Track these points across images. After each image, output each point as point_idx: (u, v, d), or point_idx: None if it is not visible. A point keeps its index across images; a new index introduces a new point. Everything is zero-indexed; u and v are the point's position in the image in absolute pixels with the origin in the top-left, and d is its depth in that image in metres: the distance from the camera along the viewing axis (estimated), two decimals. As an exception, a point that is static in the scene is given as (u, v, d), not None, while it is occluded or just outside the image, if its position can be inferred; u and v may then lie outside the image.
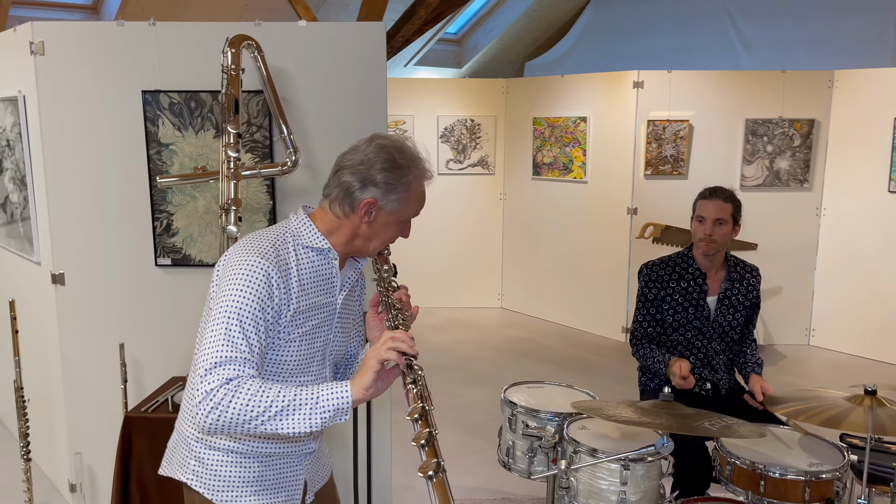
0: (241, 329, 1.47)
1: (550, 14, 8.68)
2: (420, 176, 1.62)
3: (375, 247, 1.67)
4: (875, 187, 5.44)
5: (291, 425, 1.43)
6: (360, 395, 1.46)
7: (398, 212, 1.62)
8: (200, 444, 1.64)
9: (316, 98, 3.05)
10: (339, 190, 1.61)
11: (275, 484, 1.68)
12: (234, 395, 1.42)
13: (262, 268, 1.51)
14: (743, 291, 2.88)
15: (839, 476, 2.22)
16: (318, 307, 1.63)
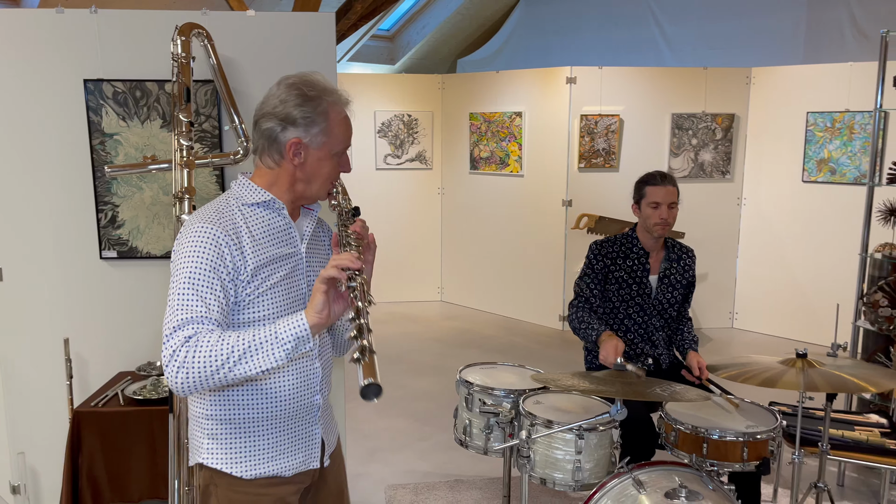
0: (194, 292, 1.50)
1: (482, 12, 8.83)
2: (335, 103, 1.62)
3: (319, 187, 1.66)
4: (790, 178, 5.80)
5: (258, 364, 1.45)
6: (316, 320, 1.47)
7: (326, 145, 1.61)
8: (211, 420, 1.65)
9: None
10: (263, 140, 1.62)
11: (291, 447, 1.69)
12: (196, 349, 1.45)
13: (208, 231, 1.54)
14: (680, 271, 3.06)
15: (773, 436, 2.40)
16: (281, 259, 1.64)
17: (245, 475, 1.64)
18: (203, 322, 1.49)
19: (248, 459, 1.64)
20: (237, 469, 1.64)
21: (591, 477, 2.45)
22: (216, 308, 1.52)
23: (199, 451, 1.68)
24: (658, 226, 2.92)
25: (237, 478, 1.64)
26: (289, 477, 1.70)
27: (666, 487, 2.23)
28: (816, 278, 5.70)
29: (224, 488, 1.65)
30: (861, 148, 5.43)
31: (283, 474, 1.68)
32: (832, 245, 5.60)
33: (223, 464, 1.64)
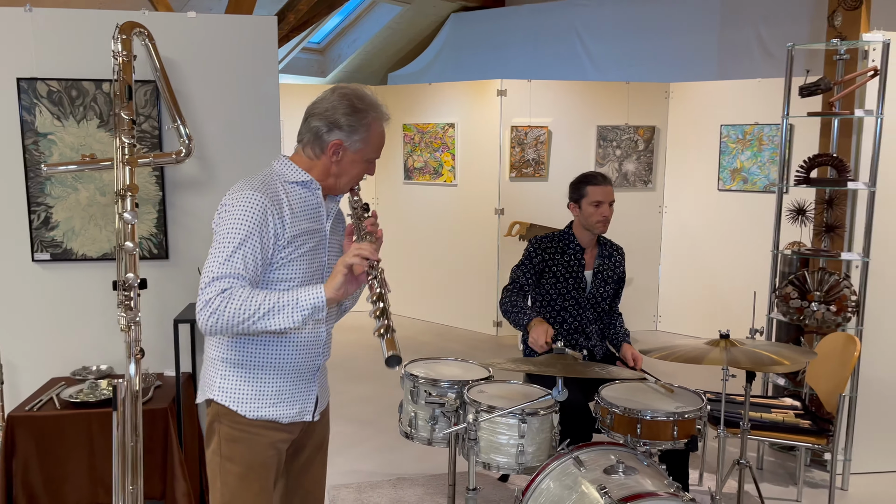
0: (238, 250, 1.73)
1: (412, 27, 8.98)
2: (378, 118, 1.88)
3: (345, 183, 1.91)
4: (707, 187, 6.15)
5: (278, 322, 1.71)
6: (332, 295, 1.74)
7: (362, 151, 1.87)
8: (224, 363, 1.88)
9: (206, 90, 3.08)
10: (310, 135, 1.87)
11: (290, 396, 1.92)
12: (229, 301, 1.69)
13: (257, 199, 1.76)
14: (612, 267, 3.23)
15: (700, 416, 2.57)
16: (311, 233, 1.88)
17: (248, 415, 1.87)
18: (238, 278, 1.73)
19: (252, 401, 1.87)
20: (242, 408, 1.86)
21: (533, 460, 2.56)
22: (252, 267, 1.76)
23: (210, 388, 1.90)
24: (600, 223, 3.08)
25: (241, 416, 1.86)
26: (284, 424, 1.92)
27: (605, 465, 2.35)
28: (733, 280, 6.04)
29: (227, 426, 1.87)
30: (770, 158, 5.82)
31: (279, 420, 1.91)
32: (746, 249, 5.96)
33: (230, 401, 1.86)
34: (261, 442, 1.88)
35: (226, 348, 1.88)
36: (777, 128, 5.73)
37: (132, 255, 2.56)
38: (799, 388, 3.55)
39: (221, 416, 1.88)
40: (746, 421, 2.67)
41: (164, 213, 3.10)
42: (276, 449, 1.92)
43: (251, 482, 1.88)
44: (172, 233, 3.12)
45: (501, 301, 3.19)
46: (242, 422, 1.87)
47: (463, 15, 8.80)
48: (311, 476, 2.10)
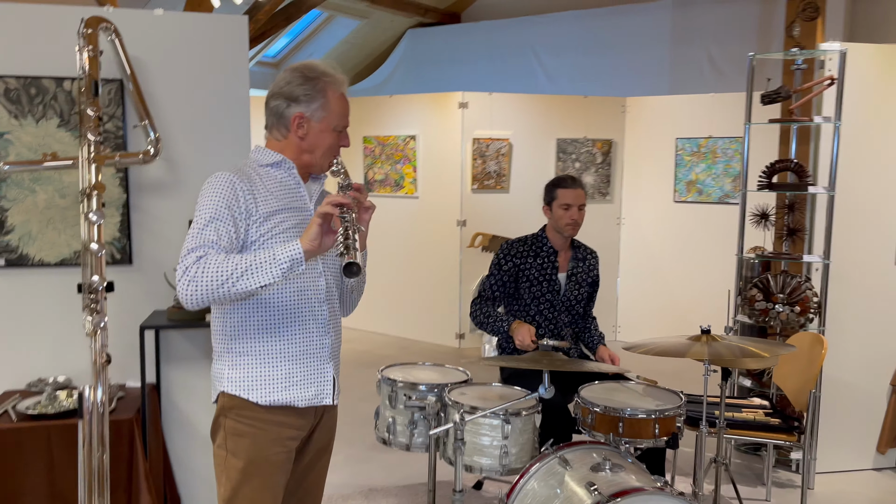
0: (210, 223, 1.76)
1: (369, 42, 8.98)
2: (333, 83, 1.88)
3: (321, 156, 1.91)
4: (663, 198, 6.28)
5: (257, 280, 1.70)
6: (309, 246, 1.71)
7: (326, 119, 1.88)
8: (231, 353, 1.87)
9: (173, 89, 2.99)
10: (273, 116, 1.90)
11: (303, 380, 1.90)
12: (205, 266, 1.70)
13: (227, 177, 1.81)
14: (586, 270, 3.24)
15: (680, 413, 2.58)
16: (291, 210, 1.88)
17: (261, 401, 1.84)
18: (213, 247, 1.75)
19: (263, 386, 1.85)
20: (254, 395, 1.84)
21: (516, 462, 2.53)
22: (226, 239, 1.77)
23: (220, 381, 1.89)
24: (569, 226, 3.10)
25: (252, 404, 1.84)
26: (301, 408, 1.90)
27: (591, 463, 2.34)
28: (690, 290, 6.16)
29: (233, 419, 1.85)
30: (723, 170, 5.98)
31: (295, 404, 1.88)
32: (702, 258, 6.09)
33: (242, 390, 1.85)
34: (267, 437, 1.85)
35: (230, 340, 1.88)
36: (730, 140, 5.90)
37: (98, 257, 2.45)
38: (765, 388, 3.62)
39: (227, 409, 1.86)
40: (723, 419, 2.70)
41: (128, 217, 2.99)
42: (283, 446, 1.88)
43: (252, 476, 1.84)
44: (137, 237, 3.01)
45: (472, 314, 3.17)
46: (251, 414, 1.85)
47: (419, 31, 8.84)
48: (312, 478, 2.06)
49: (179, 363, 3.09)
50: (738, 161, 5.89)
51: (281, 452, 1.88)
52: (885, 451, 3.76)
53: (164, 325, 2.83)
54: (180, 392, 3.09)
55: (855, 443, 3.76)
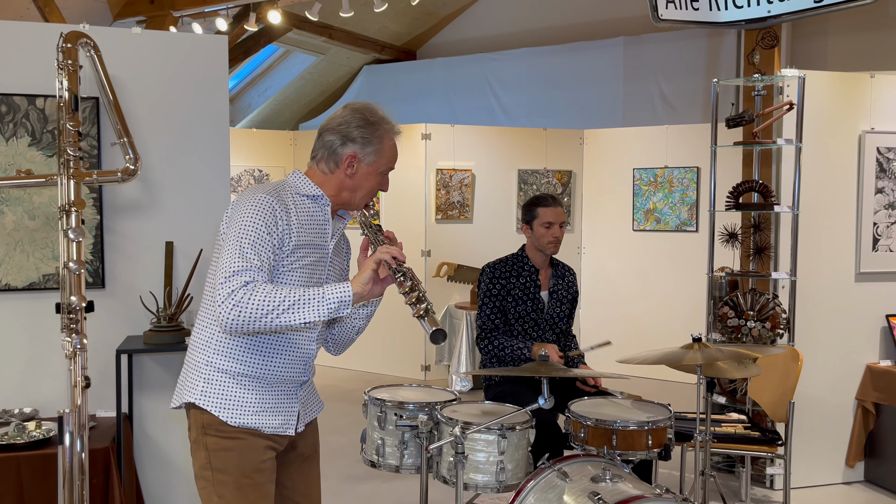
0: (252, 246, 1.73)
1: (325, 78, 9.01)
2: (390, 131, 1.92)
3: (361, 197, 1.93)
4: (622, 227, 6.41)
5: (302, 316, 1.69)
6: (360, 290, 1.74)
7: (376, 164, 1.90)
8: (209, 367, 1.84)
9: (150, 109, 2.93)
10: (324, 150, 1.90)
11: (273, 407, 1.89)
12: (252, 294, 1.67)
13: (268, 201, 1.78)
14: (566, 287, 3.27)
15: (670, 424, 2.60)
16: (314, 246, 1.88)
17: (230, 421, 1.82)
18: (258, 272, 1.72)
19: (235, 408, 1.83)
20: (224, 414, 1.81)
21: (512, 478, 2.49)
22: (267, 264, 1.76)
23: (192, 391, 1.84)
24: (551, 244, 3.13)
25: (224, 422, 1.81)
26: (267, 434, 1.87)
27: (590, 474, 2.32)
28: (651, 316, 6.26)
29: (214, 436, 1.81)
30: (680, 199, 6.16)
31: (262, 429, 1.86)
32: (662, 286, 6.22)
33: (213, 406, 1.81)
34: (251, 447, 1.83)
35: (213, 352, 1.84)
36: (686, 170, 6.10)
37: (77, 275, 2.36)
38: (740, 404, 3.68)
39: (208, 427, 1.82)
40: (709, 430, 2.73)
41: (102, 239, 2.89)
42: (268, 453, 1.87)
43: (247, 491, 1.81)
44: (110, 259, 2.91)
45: (485, 351, 3.12)
46: (229, 430, 1.82)
47: (376, 67, 8.93)
48: (305, 481, 2.07)
49: (153, 391, 2.97)
50: (694, 190, 6.08)
51: (268, 460, 1.87)
52: (854, 464, 3.86)
53: (141, 349, 2.73)
54: (154, 422, 2.97)
55: (825, 457, 3.84)
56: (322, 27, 7.73)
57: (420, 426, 2.57)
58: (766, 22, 3.68)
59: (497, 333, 3.12)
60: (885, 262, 3.84)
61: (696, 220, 6.08)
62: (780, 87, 3.67)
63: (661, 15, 3.95)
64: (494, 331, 3.13)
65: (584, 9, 7.69)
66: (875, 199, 3.82)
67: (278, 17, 6.14)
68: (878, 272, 3.84)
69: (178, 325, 2.83)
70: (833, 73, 3.77)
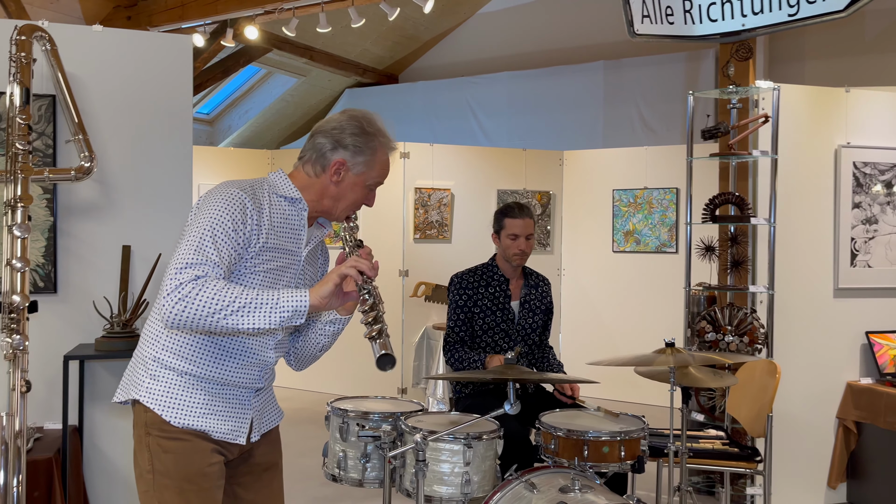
0: (213, 241, 1.62)
1: (306, 100, 8.98)
2: (385, 145, 1.83)
3: (343, 208, 1.82)
4: (602, 248, 6.36)
5: (251, 321, 1.57)
6: (317, 302, 1.62)
7: (364, 175, 1.80)
8: (156, 363, 1.73)
9: (110, 108, 2.85)
10: (313, 152, 1.81)
11: (222, 412, 1.77)
12: (201, 289, 1.55)
13: (240, 196, 1.68)
14: (539, 297, 3.18)
15: (644, 435, 2.50)
16: (285, 251, 1.78)
17: (174, 422, 1.70)
18: (214, 267, 1.60)
19: (180, 408, 1.71)
20: (168, 414, 1.70)
21: (478, 490, 2.37)
22: (226, 260, 1.64)
23: (137, 387, 1.73)
24: (517, 256, 3.05)
25: (167, 422, 1.70)
26: (216, 439, 1.76)
27: (558, 485, 2.21)
28: (630, 338, 6.18)
29: (157, 436, 1.70)
30: (659, 220, 6.12)
31: (210, 433, 1.74)
32: (642, 307, 6.14)
33: (157, 405, 1.70)
34: (196, 449, 1.72)
35: (162, 348, 1.74)
36: (665, 191, 6.07)
37: (21, 273, 2.24)
38: (718, 422, 3.59)
39: (151, 426, 1.71)
40: (684, 441, 2.62)
41: (55, 242, 2.78)
42: (214, 457, 1.75)
43: (190, 496, 1.69)
44: (63, 264, 2.79)
45: (448, 361, 3.06)
46: (173, 430, 1.71)
47: (357, 90, 8.91)
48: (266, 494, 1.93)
49: (105, 402, 2.83)
50: (674, 211, 6.04)
51: (215, 464, 1.75)
52: (836, 485, 3.75)
53: (92, 355, 2.60)
54: (105, 434, 2.82)
55: (806, 478, 3.74)
56: (303, 48, 7.72)
57: (383, 436, 2.45)
58: (740, 35, 3.67)
59: (459, 346, 3.02)
60: (863, 277, 3.79)
61: (676, 241, 6.04)
62: (756, 101, 3.65)
63: (637, 30, 3.94)
64: (457, 343, 3.03)
65: (564, 33, 7.74)
66: (852, 214, 3.78)
67: (255, 32, 6.10)
68: (857, 288, 3.79)
69: (132, 331, 2.71)
70: (808, 87, 3.76)
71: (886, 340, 3.78)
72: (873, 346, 3.76)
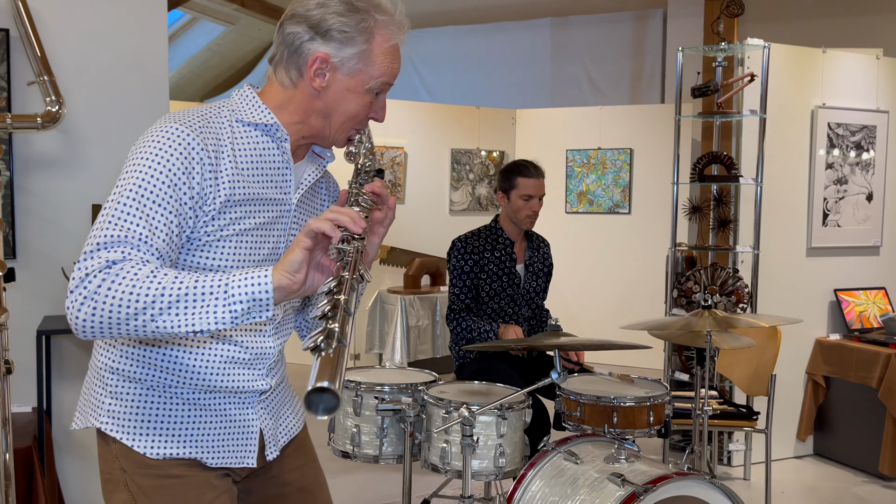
0: (139, 207, 1.13)
1: (235, 51, 8.43)
2: (386, 25, 1.26)
3: (338, 127, 1.30)
4: (555, 209, 6.31)
5: (190, 321, 1.08)
6: (285, 281, 1.09)
7: (360, 74, 1.26)
8: (116, 375, 1.26)
9: (75, 49, 2.48)
10: (284, 47, 1.26)
11: (216, 430, 1.29)
12: (115, 280, 1.08)
13: (181, 136, 1.17)
14: (542, 259, 3.07)
15: (669, 400, 2.45)
16: (264, 202, 1.27)
17: (151, 454, 1.25)
18: (139, 247, 1.12)
19: (154, 435, 1.25)
20: (142, 444, 1.25)
21: (510, 463, 2.26)
22: (163, 234, 1.15)
23: (96, 410, 1.28)
24: (529, 218, 2.91)
25: (144, 455, 1.25)
26: (213, 467, 1.30)
27: (602, 455, 2.13)
28: (583, 301, 6.21)
29: (137, 475, 1.25)
30: (613, 181, 6.13)
31: (203, 461, 1.29)
32: (596, 268, 6.17)
33: (125, 434, 1.25)
34: (190, 484, 1.27)
35: (120, 355, 1.26)
36: (619, 152, 6.07)
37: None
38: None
39: (122, 458, 1.26)
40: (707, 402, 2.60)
41: (12, 200, 2.42)
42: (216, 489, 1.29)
43: None
44: (23, 225, 2.44)
45: (454, 332, 2.86)
46: (153, 464, 1.25)
47: (290, 42, 8.45)
48: None
49: (75, 381, 2.52)
50: (627, 172, 6.06)
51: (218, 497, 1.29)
52: (805, 438, 3.89)
53: (67, 329, 2.29)
54: (78, 417, 2.52)
55: (777, 432, 3.84)
56: (234, -7, 7.20)
57: (406, 409, 2.29)
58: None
59: (465, 314, 2.85)
60: (834, 237, 3.89)
61: (630, 202, 6.07)
62: (741, 59, 3.62)
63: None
64: (463, 311, 2.86)
65: (510, -12, 7.56)
66: (826, 175, 3.85)
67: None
68: (828, 247, 3.88)
69: (110, 301, 2.40)
70: (788, 47, 3.76)
71: (853, 298, 3.90)
72: (841, 303, 3.88)
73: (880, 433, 3.52)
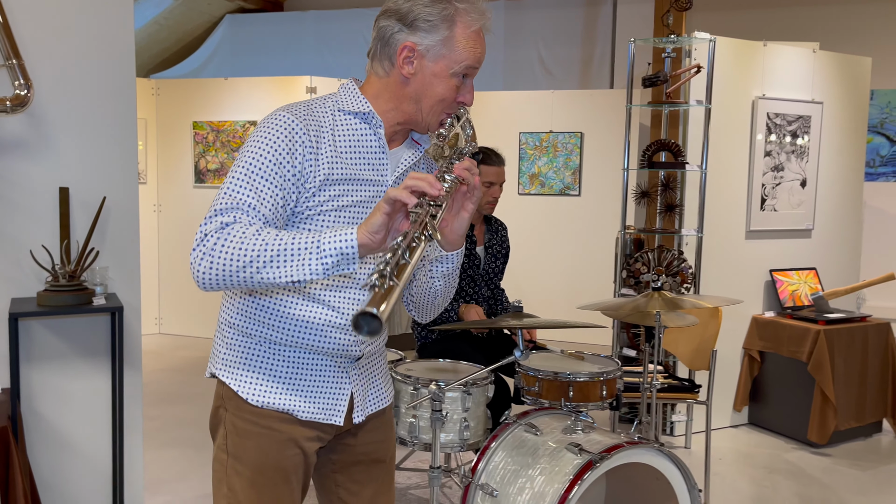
0: (249, 181, 1.34)
1: (182, 25, 8.26)
2: (467, 12, 1.40)
3: (428, 110, 1.43)
4: (509, 191, 6.46)
5: (288, 272, 1.25)
6: (367, 239, 1.24)
7: (445, 59, 1.39)
8: (232, 329, 1.48)
9: (42, 29, 2.46)
10: (378, 41, 1.43)
11: (311, 386, 1.47)
12: (227, 239, 1.28)
13: (286, 122, 1.37)
14: (499, 241, 3.20)
15: (621, 374, 2.62)
16: (361, 182, 1.43)
17: (252, 400, 1.45)
18: (248, 213, 1.32)
19: (259, 383, 1.45)
20: (245, 390, 1.45)
21: (474, 435, 2.40)
22: (269, 203, 1.35)
23: (214, 359, 1.52)
24: (489, 204, 3.03)
25: (244, 400, 1.45)
26: (304, 420, 1.47)
27: (559, 426, 2.28)
28: (535, 280, 6.40)
29: (233, 414, 1.47)
30: (564, 164, 6.30)
31: (296, 414, 1.46)
32: (546, 249, 6.36)
33: (234, 380, 1.46)
34: (275, 438, 1.45)
35: (236, 311, 1.46)
36: (570, 135, 6.24)
37: (-33, 221, 1.93)
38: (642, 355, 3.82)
39: (227, 399, 1.48)
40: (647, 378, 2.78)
41: (-23, 182, 2.41)
42: (298, 447, 1.47)
43: (262, 491, 1.45)
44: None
45: None
46: (250, 410, 1.45)
47: (239, 16, 8.31)
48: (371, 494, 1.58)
49: (44, 363, 2.55)
50: (577, 155, 6.24)
51: (295, 456, 1.46)
52: (741, 408, 4.16)
53: (37, 311, 2.31)
54: (45, 398, 2.55)
55: (715, 404, 4.11)
56: (183, -33, 7.05)
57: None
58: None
59: None
60: (770, 220, 4.14)
61: (580, 184, 6.26)
62: (688, 50, 3.80)
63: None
64: None
65: (463, -31, 7.60)
66: (764, 162, 4.08)
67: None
68: (765, 230, 4.13)
69: (79, 283, 2.43)
70: (731, 40, 3.96)
71: (787, 277, 4.17)
72: (776, 282, 4.14)
73: (809, 403, 3.81)
